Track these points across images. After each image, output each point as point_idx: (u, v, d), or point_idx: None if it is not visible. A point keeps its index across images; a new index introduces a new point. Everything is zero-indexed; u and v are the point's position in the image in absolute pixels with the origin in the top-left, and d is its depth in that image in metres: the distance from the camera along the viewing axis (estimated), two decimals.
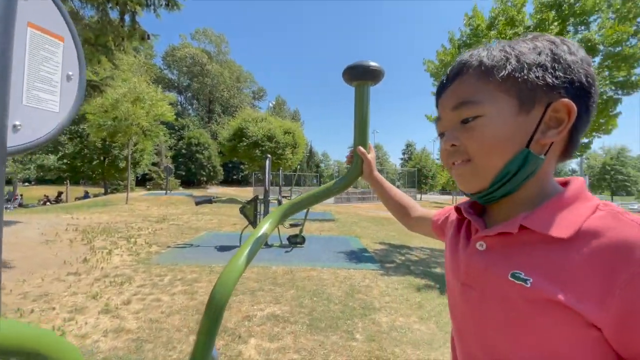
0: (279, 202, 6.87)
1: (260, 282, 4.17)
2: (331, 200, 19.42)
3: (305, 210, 7.77)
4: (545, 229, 0.43)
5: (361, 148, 0.84)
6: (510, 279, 0.44)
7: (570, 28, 5.45)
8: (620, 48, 4.94)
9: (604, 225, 0.40)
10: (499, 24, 6.26)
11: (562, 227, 0.42)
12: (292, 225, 6.74)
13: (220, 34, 53.89)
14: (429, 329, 3.03)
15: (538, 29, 5.66)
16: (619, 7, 4.94)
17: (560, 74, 0.44)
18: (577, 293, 0.38)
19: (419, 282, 4.50)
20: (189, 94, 51.78)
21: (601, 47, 5.12)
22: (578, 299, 0.38)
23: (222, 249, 6.17)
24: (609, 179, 47.22)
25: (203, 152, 35.35)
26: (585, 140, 6.48)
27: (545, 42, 0.46)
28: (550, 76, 0.44)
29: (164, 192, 19.49)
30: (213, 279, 4.23)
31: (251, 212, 6.41)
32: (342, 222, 10.89)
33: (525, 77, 0.44)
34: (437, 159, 46.45)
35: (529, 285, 0.42)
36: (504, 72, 0.45)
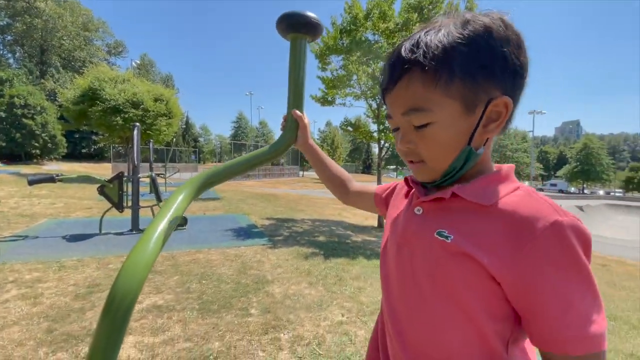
0: (152, 181, 5.99)
1: None
2: None
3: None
4: (472, 197, 0.50)
5: (297, 111, 0.77)
6: (436, 235, 0.51)
7: None
8: None
9: (520, 201, 0.48)
10: (374, 16, 6.93)
11: (486, 197, 0.50)
12: None
13: None
14: (318, 292, 3.31)
15: (404, 27, 6.55)
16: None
17: (498, 71, 0.47)
18: (487, 252, 0.46)
19: (306, 251, 4.82)
20: (8, 38, 37.82)
21: None
22: (488, 256, 0.46)
23: (75, 238, 5.00)
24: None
25: (34, 116, 26.67)
26: None
27: (481, 31, 0.47)
28: (489, 75, 0.47)
29: None
30: (65, 276, 3.40)
31: (114, 192, 5.39)
32: (228, 200, 10.43)
33: (469, 78, 0.47)
34: (318, 139, 49.52)
35: (449, 241, 0.49)
36: (448, 78, 0.47)
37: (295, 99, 0.76)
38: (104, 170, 23.70)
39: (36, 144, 27.20)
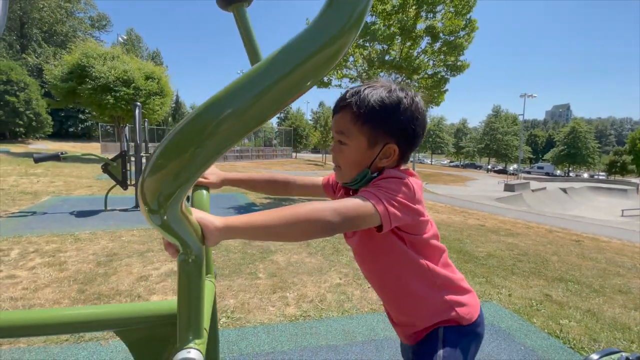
0: None
1: (147, 244, 3.88)
2: None
3: None
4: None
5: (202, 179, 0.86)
6: None
7: (423, 13, 6.67)
8: (453, 38, 6.44)
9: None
10: None
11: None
12: None
13: None
14: (318, 260, 3.65)
15: (401, 9, 6.65)
16: (457, 2, 6.35)
17: (395, 130, 0.74)
18: None
19: None
20: None
21: (441, 35, 6.54)
22: None
23: (82, 214, 5.21)
24: (431, 142, 61.55)
25: (17, 93, 25.83)
26: None
27: (395, 98, 0.73)
28: (389, 129, 0.74)
29: None
30: (82, 247, 3.65)
31: (118, 171, 5.55)
32: None
33: (375, 127, 0.74)
34: (311, 120, 49.26)
35: None
36: (363, 122, 0.73)
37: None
38: (93, 150, 23.38)
39: (20, 122, 26.37)
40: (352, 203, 0.63)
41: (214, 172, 0.91)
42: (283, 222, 0.56)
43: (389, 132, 0.74)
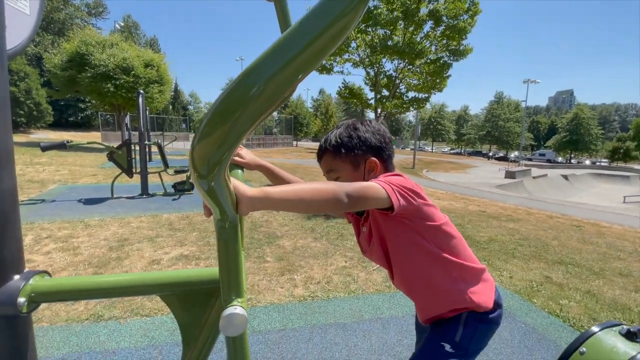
0: (159, 147, 6.20)
1: (156, 230, 3.97)
2: None
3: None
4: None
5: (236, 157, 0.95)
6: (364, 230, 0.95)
7: None
8: (456, 21, 6.34)
9: None
10: None
11: None
12: (177, 172, 6.27)
13: None
14: (323, 245, 3.74)
15: None
16: None
17: (364, 147, 0.90)
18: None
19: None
20: None
21: (444, 19, 6.44)
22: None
23: (89, 201, 5.30)
24: (432, 129, 61.13)
25: (17, 83, 25.75)
26: (425, 95, 8.31)
27: (352, 126, 0.91)
28: (362, 150, 0.90)
29: None
30: (93, 233, 3.74)
31: (123, 159, 5.61)
32: None
33: (352, 153, 0.90)
34: (311, 108, 48.87)
35: (364, 230, 0.96)
36: (343, 154, 0.90)
37: None
38: (94, 139, 23.36)
39: (21, 112, 26.39)
40: (367, 184, 0.73)
41: (249, 155, 0.98)
42: (308, 196, 0.63)
43: (362, 150, 0.90)
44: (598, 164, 54.75)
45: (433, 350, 0.90)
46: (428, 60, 6.87)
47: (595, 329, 1.17)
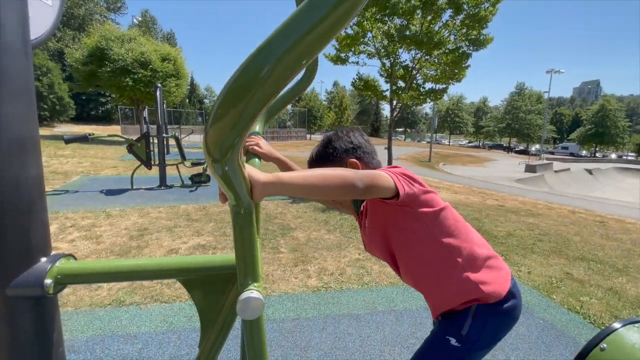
0: (176, 140, 6.32)
1: (174, 220, 4.07)
2: None
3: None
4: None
5: (253, 146, 0.98)
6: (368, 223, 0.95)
7: None
8: (477, 9, 6.11)
9: None
10: None
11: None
12: (193, 165, 6.40)
13: None
14: (336, 237, 3.74)
15: None
16: None
17: (342, 150, 0.96)
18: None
19: (322, 205, 5.23)
20: None
21: (465, 7, 6.22)
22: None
23: (111, 192, 5.48)
24: (449, 121, 59.67)
25: (40, 78, 26.70)
26: (442, 86, 8.09)
27: (329, 137, 1.00)
28: (339, 153, 0.96)
29: None
30: (114, 222, 3.88)
31: (142, 151, 5.76)
32: None
33: (333, 158, 0.96)
34: (325, 101, 48.58)
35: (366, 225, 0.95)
36: (327, 161, 0.97)
37: None
38: (114, 132, 24.04)
39: (45, 106, 27.40)
40: (378, 172, 0.76)
41: (267, 147, 1.02)
42: (321, 181, 0.64)
43: (342, 154, 0.96)
44: (625, 157, 52.30)
45: (437, 345, 0.88)
46: (446, 50, 6.65)
47: (617, 325, 1.12)
